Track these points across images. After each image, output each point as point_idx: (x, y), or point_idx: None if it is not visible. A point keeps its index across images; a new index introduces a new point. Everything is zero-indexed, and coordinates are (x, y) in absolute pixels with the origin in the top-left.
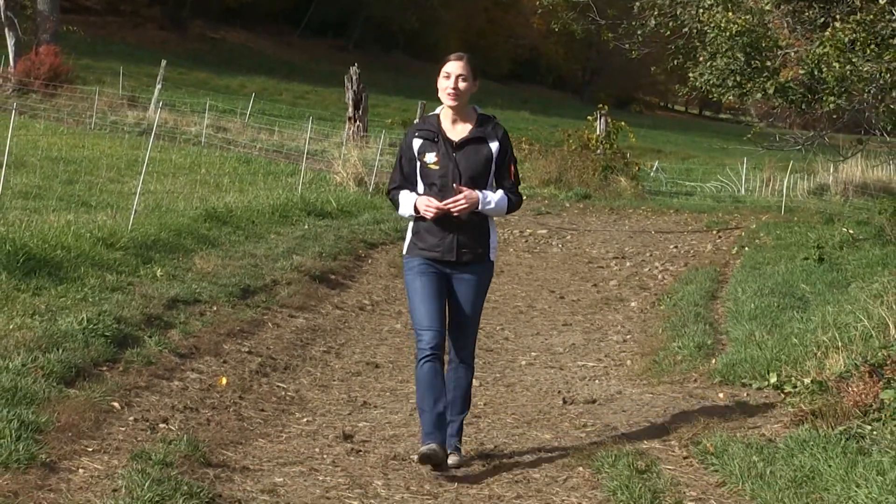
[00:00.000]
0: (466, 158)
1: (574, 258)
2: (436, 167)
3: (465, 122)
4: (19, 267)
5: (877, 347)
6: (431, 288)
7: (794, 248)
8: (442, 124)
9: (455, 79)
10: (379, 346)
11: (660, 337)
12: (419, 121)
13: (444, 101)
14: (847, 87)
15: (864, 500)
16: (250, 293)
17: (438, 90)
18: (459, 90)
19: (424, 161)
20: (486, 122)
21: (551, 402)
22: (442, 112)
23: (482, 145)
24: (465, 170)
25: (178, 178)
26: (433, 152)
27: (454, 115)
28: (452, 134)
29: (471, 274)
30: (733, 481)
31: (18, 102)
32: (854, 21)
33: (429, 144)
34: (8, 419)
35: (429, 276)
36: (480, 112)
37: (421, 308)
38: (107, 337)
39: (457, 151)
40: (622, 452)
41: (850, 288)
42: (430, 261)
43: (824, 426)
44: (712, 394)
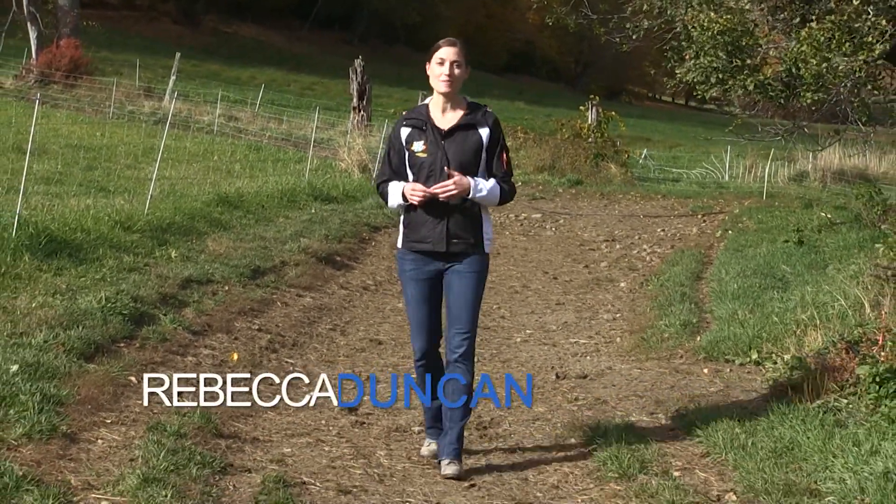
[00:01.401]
0: (455, 146)
1: (567, 241)
2: (423, 155)
3: (456, 110)
4: (41, 248)
5: (853, 325)
6: (425, 295)
7: (774, 231)
8: (431, 113)
9: (450, 65)
10: (382, 323)
11: (647, 315)
12: (408, 111)
13: (437, 88)
14: (823, 83)
15: (840, 469)
16: (260, 274)
17: (430, 77)
18: (454, 76)
19: (412, 150)
20: (476, 109)
21: (545, 377)
22: (432, 101)
23: (472, 132)
24: (454, 157)
25: (191, 165)
26: (421, 140)
27: (444, 104)
28: (441, 122)
29: (464, 265)
30: (717, 452)
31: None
32: (830, 20)
33: (417, 133)
34: (31, 392)
35: (422, 284)
36: (471, 101)
37: (414, 317)
38: (124, 315)
39: (445, 139)
40: (612, 425)
41: (828, 269)
42: (422, 257)
43: (803, 400)
44: (697, 369)
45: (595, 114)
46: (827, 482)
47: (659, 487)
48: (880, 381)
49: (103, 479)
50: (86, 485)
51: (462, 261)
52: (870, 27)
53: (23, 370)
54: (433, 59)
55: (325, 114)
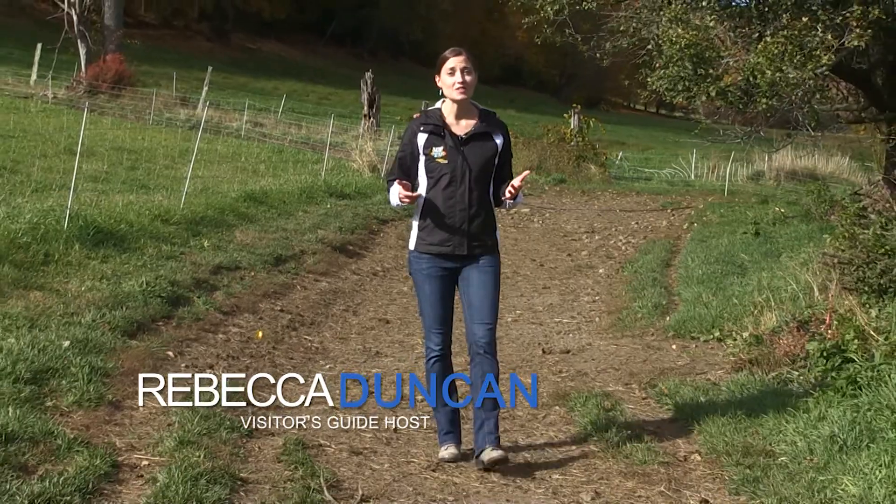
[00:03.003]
0: (474, 153)
1: (552, 232)
2: (444, 161)
3: (469, 116)
4: (90, 239)
5: (803, 307)
6: (441, 292)
7: (734, 224)
8: (446, 119)
9: (461, 72)
10: (389, 305)
11: (623, 298)
12: (420, 115)
13: (452, 97)
14: (777, 90)
15: (792, 433)
16: (282, 261)
17: (443, 88)
18: (467, 83)
19: (432, 155)
20: (488, 116)
21: (533, 352)
22: (444, 107)
23: (488, 139)
24: (474, 164)
25: (221, 165)
26: (440, 147)
27: (458, 110)
28: (457, 128)
29: (482, 263)
30: (684, 418)
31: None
32: (783, 35)
33: (435, 138)
34: (80, 365)
35: (438, 281)
36: (481, 107)
37: (429, 315)
38: (162, 297)
39: (464, 146)
40: (592, 394)
41: (782, 257)
42: (438, 257)
43: (759, 372)
44: (666, 345)
45: (577, 120)
46: (780, 444)
47: (633, 449)
48: (827, 356)
49: (144, 441)
50: (129, 446)
51: (479, 259)
52: (818, 42)
53: (73, 346)
54: (443, 70)
55: (339, 120)
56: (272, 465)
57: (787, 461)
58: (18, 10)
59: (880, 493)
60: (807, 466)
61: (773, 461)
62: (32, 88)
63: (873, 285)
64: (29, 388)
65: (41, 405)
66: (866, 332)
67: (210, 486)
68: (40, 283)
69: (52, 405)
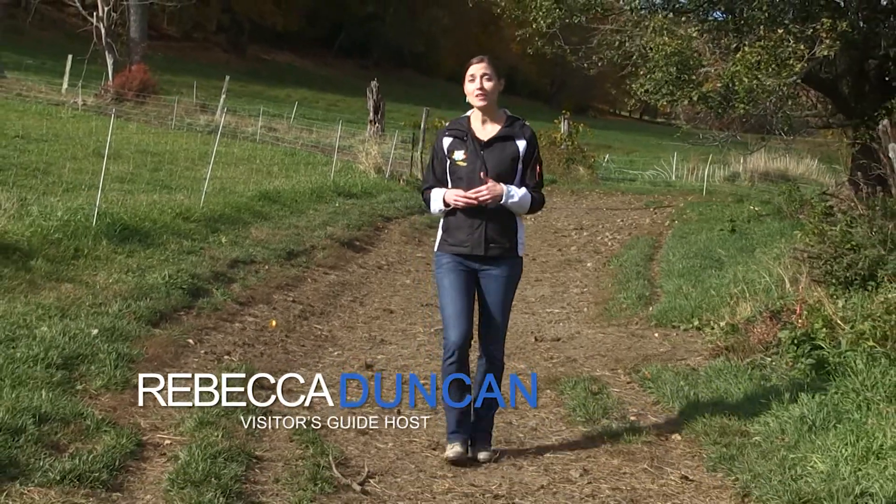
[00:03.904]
0: (493, 156)
1: (543, 229)
2: (464, 164)
3: (495, 122)
4: (117, 235)
5: (776, 298)
6: (460, 285)
7: (712, 221)
8: (472, 125)
9: (480, 79)
10: (393, 296)
11: (609, 290)
12: (451, 122)
13: (473, 103)
14: (753, 97)
15: (765, 414)
16: (294, 255)
17: (466, 95)
18: (486, 90)
19: (453, 158)
20: (514, 122)
21: (526, 340)
22: (472, 114)
23: (509, 143)
24: (493, 167)
25: (238, 167)
26: (462, 150)
27: (484, 116)
28: (482, 133)
29: (499, 269)
30: (665, 400)
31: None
32: (759, 46)
33: (458, 143)
34: (108, 352)
35: (457, 274)
36: (510, 114)
37: (449, 306)
38: (183, 289)
39: (485, 149)
40: (580, 379)
41: (756, 252)
42: (459, 257)
43: (735, 358)
44: (649, 333)
45: (567, 126)
46: (754, 425)
47: (618, 429)
48: (797, 343)
49: (167, 422)
50: (153, 426)
51: (498, 265)
52: (790, 52)
53: (101, 333)
54: (465, 77)
55: (346, 125)
56: (285, 444)
57: (760, 440)
58: (51, 24)
59: (846, 470)
60: (778, 445)
61: (748, 440)
62: (64, 96)
63: (840, 278)
64: (60, 373)
65: (72, 388)
66: (833, 321)
67: (227, 464)
68: (71, 275)
69: (82, 388)
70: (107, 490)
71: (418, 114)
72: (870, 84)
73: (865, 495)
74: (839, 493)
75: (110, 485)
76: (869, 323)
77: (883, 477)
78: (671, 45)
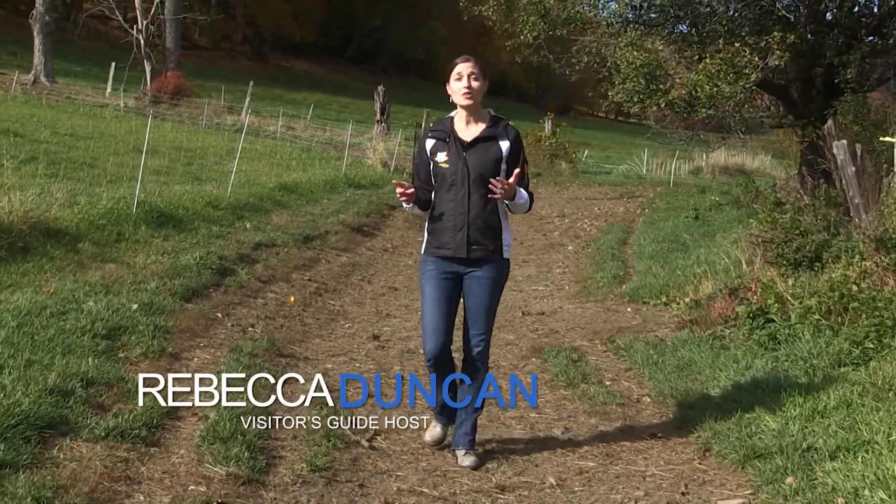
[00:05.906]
0: (475, 157)
1: (529, 216)
2: (446, 166)
3: (479, 123)
4: (154, 221)
5: (734, 277)
6: (440, 296)
7: (678, 210)
8: (455, 126)
9: (467, 78)
10: (397, 276)
11: (587, 270)
12: (435, 123)
13: (459, 103)
14: (714, 102)
15: (724, 380)
16: (310, 239)
17: (452, 94)
18: (473, 89)
19: (436, 160)
20: (498, 122)
21: (514, 314)
22: (456, 115)
23: (492, 144)
24: (474, 168)
25: (260, 162)
26: (444, 152)
27: (468, 117)
28: (465, 134)
29: (483, 271)
30: (637, 367)
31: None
32: (719, 58)
33: (441, 144)
34: (146, 324)
35: (438, 282)
36: (494, 114)
37: (427, 315)
38: (213, 269)
39: (467, 150)
40: (562, 348)
41: (716, 237)
42: (443, 260)
43: (698, 330)
44: (623, 308)
45: (550, 125)
46: (715, 389)
47: (595, 392)
48: (753, 317)
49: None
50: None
51: (482, 266)
52: (746, 62)
53: (140, 308)
54: (451, 76)
55: (356, 125)
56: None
57: (719, 402)
58: (96, 36)
59: (794, 428)
60: (735, 406)
61: (709, 402)
62: (107, 99)
63: (790, 260)
64: (105, 343)
65: (114, 356)
66: (784, 297)
67: (252, 422)
68: (114, 257)
69: (124, 356)
70: (146, 445)
71: (420, 114)
72: (816, 89)
73: (812, 450)
74: (788, 448)
75: (149, 440)
76: (815, 299)
77: (826, 433)
78: (640, 58)
